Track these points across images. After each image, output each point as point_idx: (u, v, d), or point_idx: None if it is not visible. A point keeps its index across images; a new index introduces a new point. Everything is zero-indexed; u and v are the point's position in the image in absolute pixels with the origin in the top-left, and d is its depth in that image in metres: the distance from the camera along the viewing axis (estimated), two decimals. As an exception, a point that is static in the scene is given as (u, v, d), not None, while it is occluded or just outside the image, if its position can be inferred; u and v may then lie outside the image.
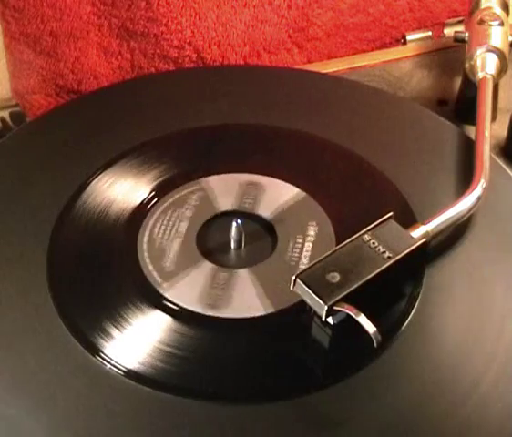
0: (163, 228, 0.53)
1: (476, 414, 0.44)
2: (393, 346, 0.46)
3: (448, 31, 0.77)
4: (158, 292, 0.49)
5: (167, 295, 0.49)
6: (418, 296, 0.49)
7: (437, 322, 0.48)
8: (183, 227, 0.53)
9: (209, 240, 0.53)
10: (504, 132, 0.64)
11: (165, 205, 0.54)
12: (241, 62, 0.75)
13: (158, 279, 0.50)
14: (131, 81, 0.72)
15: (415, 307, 0.48)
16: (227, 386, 0.45)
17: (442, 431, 0.44)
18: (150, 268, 0.50)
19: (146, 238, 0.52)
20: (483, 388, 0.45)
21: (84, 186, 0.56)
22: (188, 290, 0.49)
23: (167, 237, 0.52)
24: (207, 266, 0.51)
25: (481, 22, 0.65)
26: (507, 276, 0.50)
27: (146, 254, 0.51)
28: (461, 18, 0.77)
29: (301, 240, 0.53)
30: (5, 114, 0.69)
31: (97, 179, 0.56)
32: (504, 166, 0.58)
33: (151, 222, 0.53)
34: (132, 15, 0.71)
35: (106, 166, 0.57)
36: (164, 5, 0.71)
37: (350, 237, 0.49)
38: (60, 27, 0.70)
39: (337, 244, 0.50)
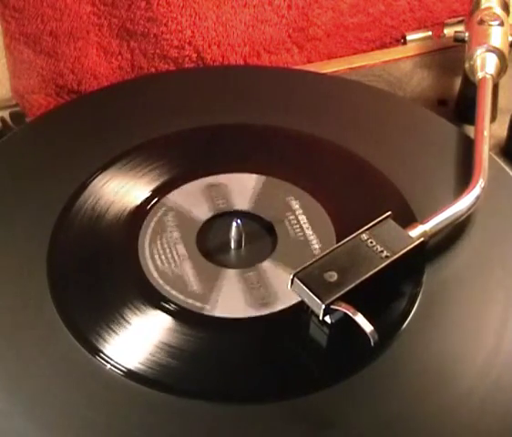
0: (163, 258, 0.51)
1: (476, 414, 0.44)
2: (393, 346, 0.46)
3: (448, 31, 0.78)
4: (206, 316, 0.48)
5: (217, 314, 0.48)
6: (418, 296, 0.49)
7: (437, 322, 0.48)
8: (181, 248, 0.52)
9: (213, 250, 0.52)
10: (504, 132, 0.64)
11: (149, 237, 0.53)
12: (241, 62, 0.75)
13: (199, 305, 0.49)
14: (131, 81, 0.72)
15: (415, 307, 0.48)
16: (226, 386, 0.45)
17: (442, 430, 0.44)
18: (181, 298, 0.49)
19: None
20: (483, 387, 0.45)
21: (84, 186, 0.56)
22: (233, 302, 0.49)
23: (173, 264, 0.51)
24: (230, 273, 0.51)
25: (481, 22, 0.65)
26: (507, 275, 0.50)
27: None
28: (461, 18, 0.77)
29: (293, 216, 0.53)
30: (5, 114, 0.69)
31: (96, 179, 0.56)
32: (504, 166, 0.58)
33: (147, 253, 0.52)
34: (132, 15, 0.71)
35: (106, 166, 0.57)
36: (164, 5, 0.71)
37: (349, 236, 0.49)
38: (60, 27, 0.70)
39: (336, 243, 0.50)
